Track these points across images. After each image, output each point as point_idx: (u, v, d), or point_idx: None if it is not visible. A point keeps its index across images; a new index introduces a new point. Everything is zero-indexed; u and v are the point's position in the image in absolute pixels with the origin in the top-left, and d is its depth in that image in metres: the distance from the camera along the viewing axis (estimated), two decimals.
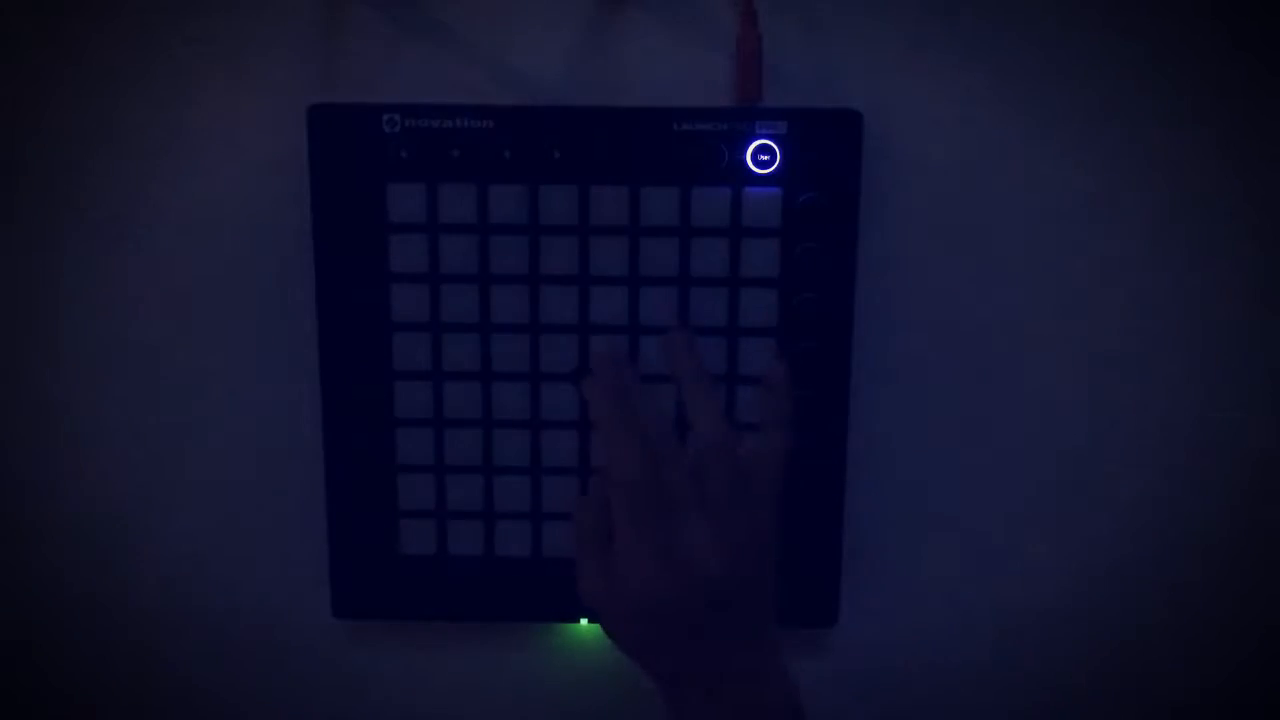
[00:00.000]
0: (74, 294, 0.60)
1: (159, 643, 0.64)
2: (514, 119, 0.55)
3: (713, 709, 0.47)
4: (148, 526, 0.62)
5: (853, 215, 0.55)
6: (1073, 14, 0.57)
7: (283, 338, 0.59)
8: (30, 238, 0.59)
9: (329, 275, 0.56)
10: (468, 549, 0.59)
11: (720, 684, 0.47)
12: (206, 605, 0.63)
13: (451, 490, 0.59)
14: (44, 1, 0.57)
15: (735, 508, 0.47)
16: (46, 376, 0.61)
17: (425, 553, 0.60)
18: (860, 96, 0.56)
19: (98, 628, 0.64)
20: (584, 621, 0.61)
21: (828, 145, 0.55)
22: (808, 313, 0.56)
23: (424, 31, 0.57)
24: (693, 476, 0.47)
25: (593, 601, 0.48)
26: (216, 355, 0.60)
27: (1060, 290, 0.59)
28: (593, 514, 0.49)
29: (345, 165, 0.55)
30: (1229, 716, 0.64)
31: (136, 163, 0.58)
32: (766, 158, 0.55)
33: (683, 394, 0.50)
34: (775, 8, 0.56)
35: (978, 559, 0.62)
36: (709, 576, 0.46)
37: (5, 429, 0.62)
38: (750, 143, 0.55)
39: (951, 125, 0.58)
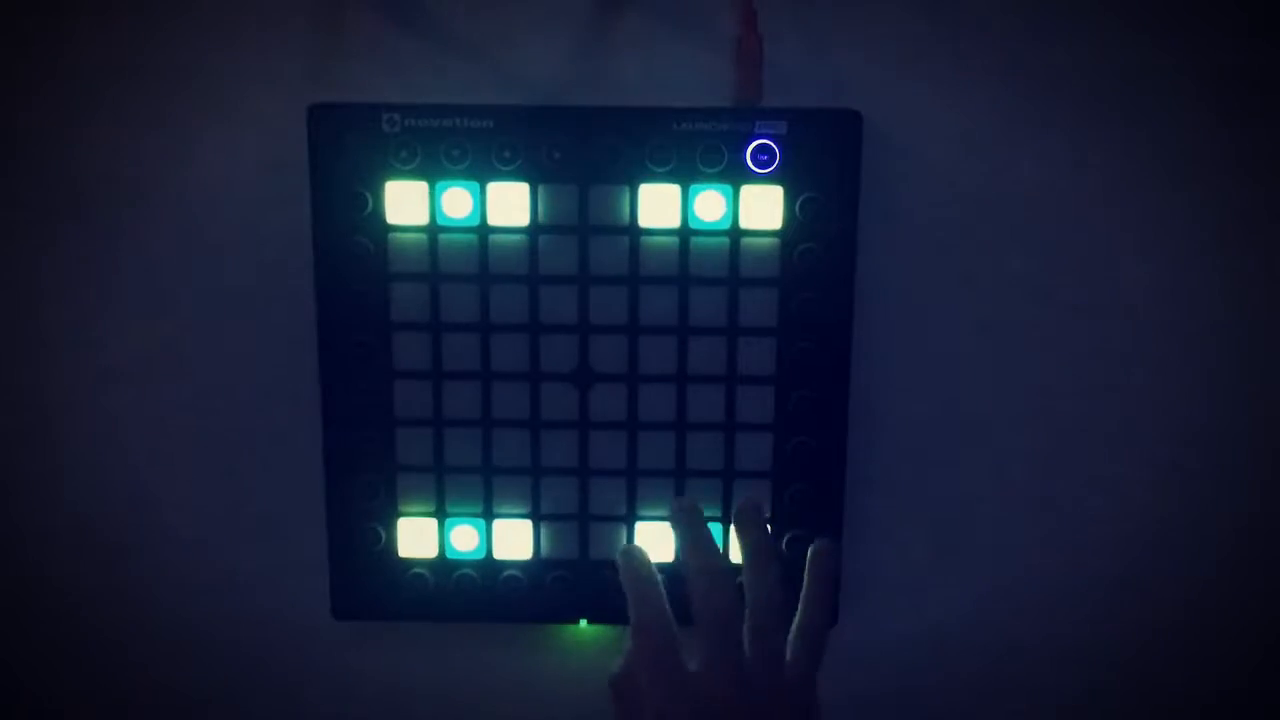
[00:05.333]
0: (73, 294, 0.60)
1: (158, 643, 0.64)
2: (514, 119, 0.55)
3: None
4: (147, 527, 0.62)
5: (853, 215, 0.55)
6: (1073, 13, 0.57)
7: (283, 337, 0.59)
8: (30, 238, 0.59)
9: (329, 275, 0.56)
10: (467, 550, 0.59)
11: None
12: (206, 605, 0.63)
13: (451, 490, 0.59)
14: (43, 1, 0.57)
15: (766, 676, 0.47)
16: (46, 377, 0.61)
17: (425, 554, 0.59)
18: (860, 96, 0.56)
19: (97, 628, 0.64)
20: (583, 622, 0.61)
21: (828, 145, 0.55)
22: (808, 313, 0.56)
23: (424, 31, 0.57)
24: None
25: None
26: (216, 355, 0.60)
27: (1060, 289, 0.59)
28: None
29: (345, 165, 0.55)
30: (1231, 717, 0.64)
31: (136, 163, 0.59)
32: (766, 157, 0.55)
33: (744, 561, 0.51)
34: (775, 8, 0.56)
35: (978, 559, 0.62)
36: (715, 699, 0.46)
37: (5, 429, 0.62)
38: (750, 142, 0.55)
39: (951, 125, 0.58)
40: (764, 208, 0.55)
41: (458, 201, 0.56)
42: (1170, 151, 0.58)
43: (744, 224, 0.56)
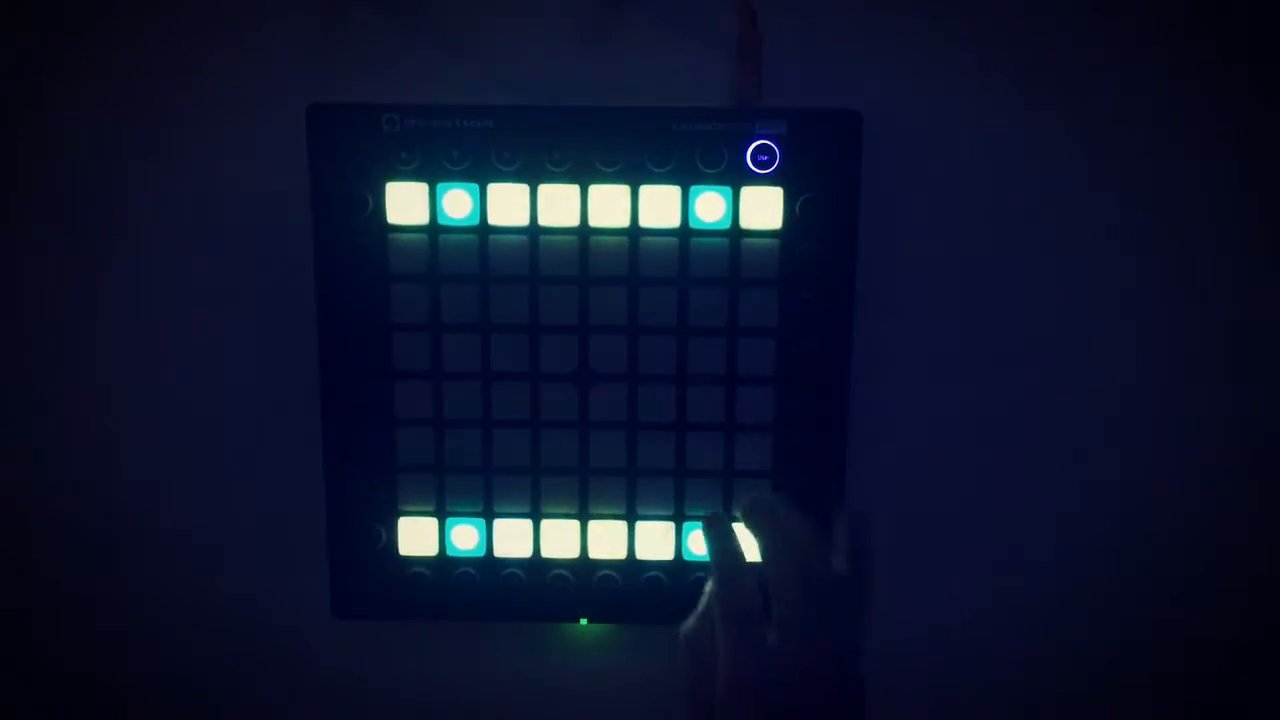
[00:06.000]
0: (74, 294, 0.60)
1: (159, 642, 0.64)
2: (514, 119, 0.55)
3: None
4: (147, 526, 0.62)
5: (853, 215, 0.55)
6: (1072, 13, 0.57)
7: (283, 338, 0.59)
8: (30, 237, 0.59)
9: (329, 275, 0.56)
10: (468, 549, 0.60)
11: None
12: (207, 605, 0.63)
13: (451, 490, 0.59)
14: (44, 2, 0.57)
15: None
16: (46, 377, 0.61)
17: (425, 553, 0.60)
18: (860, 96, 0.56)
19: (98, 628, 0.64)
20: (583, 622, 0.61)
21: (828, 145, 0.55)
22: (808, 313, 0.56)
23: (424, 31, 0.57)
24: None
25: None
26: (216, 355, 0.60)
27: (1060, 289, 0.59)
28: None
29: (345, 165, 0.55)
30: (1232, 717, 0.64)
31: (137, 163, 0.59)
32: (766, 158, 0.55)
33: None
34: (775, 8, 0.56)
35: (978, 559, 0.62)
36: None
37: (6, 429, 0.62)
38: (750, 143, 0.55)
39: (951, 125, 0.58)
40: (764, 208, 0.55)
41: (458, 202, 0.56)
42: (1172, 150, 0.58)
43: (744, 224, 0.56)
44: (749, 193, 0.55)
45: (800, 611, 0.46)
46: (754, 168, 0.55)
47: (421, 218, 0.56)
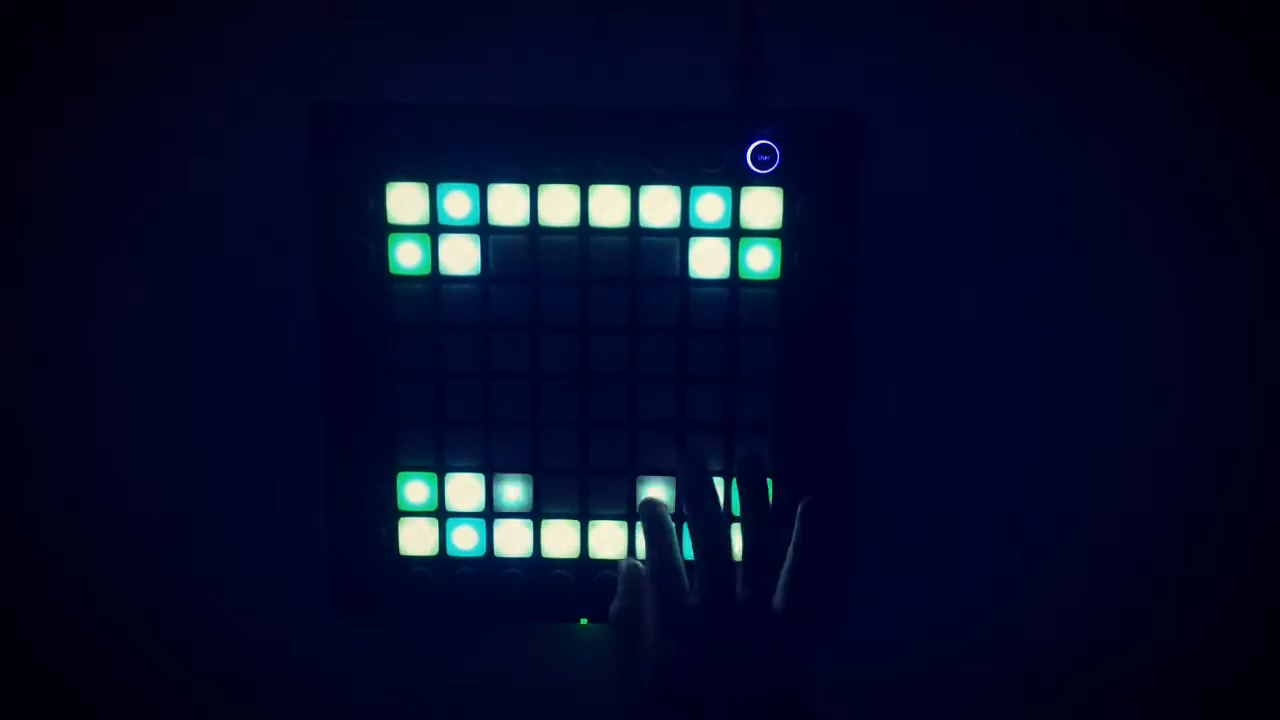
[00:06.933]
0: (74, 293, 0.60)
1: (159, 643, 0.64)
2: (514, 119, 0.55)
3: None
4: (147, 526, 0.62)
5: (853, 215, 0.55)
6: (1073, 15, 0.57)
7: (283, 338, 0.59)
8: (30, 237, 0.59)
9: (329, 275, 0.56)
10: (468, 549, 0.60)
11: None
12: (207, 605, 0.63)
13: (451, 490, 0.59)
14: (45, 3, 0.57)
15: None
16: (47, 377, 0.61)
17: (426, 552, 0.60)
18: (860, 96, 0.56)
19: (98, 627, 0.64)
20: (583, 622, 0.61)
21: (828, 145, 0.55)
22: (808, 313, 0.56)
23: (424, 31, 0.57)
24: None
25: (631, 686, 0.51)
26: (217, 355, 0.60)
27: (1061, 290, 0.59)
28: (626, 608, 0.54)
29: (345, 165, 0.55)
30: (1232, 716, 0.64)
31: (137, 163, 0.59)
32: (766, 158, 0.55)
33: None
34: (775, 8, 0.56)
35: (978, 559, 0.62)
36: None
37: (6, 429, 0.62)
38: (750, 143, 0.55)
39: (951, 125, 0.58)
40: (764, 208, 0.55)
41: (458, 202, 0.56)
42: (1173, 151, 0.58)
43: (744, 225, 0.56)
44: (749, 193, 0.55)
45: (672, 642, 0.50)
46: (754, 168, 0.55)
47: (421, 218, 0.56)
